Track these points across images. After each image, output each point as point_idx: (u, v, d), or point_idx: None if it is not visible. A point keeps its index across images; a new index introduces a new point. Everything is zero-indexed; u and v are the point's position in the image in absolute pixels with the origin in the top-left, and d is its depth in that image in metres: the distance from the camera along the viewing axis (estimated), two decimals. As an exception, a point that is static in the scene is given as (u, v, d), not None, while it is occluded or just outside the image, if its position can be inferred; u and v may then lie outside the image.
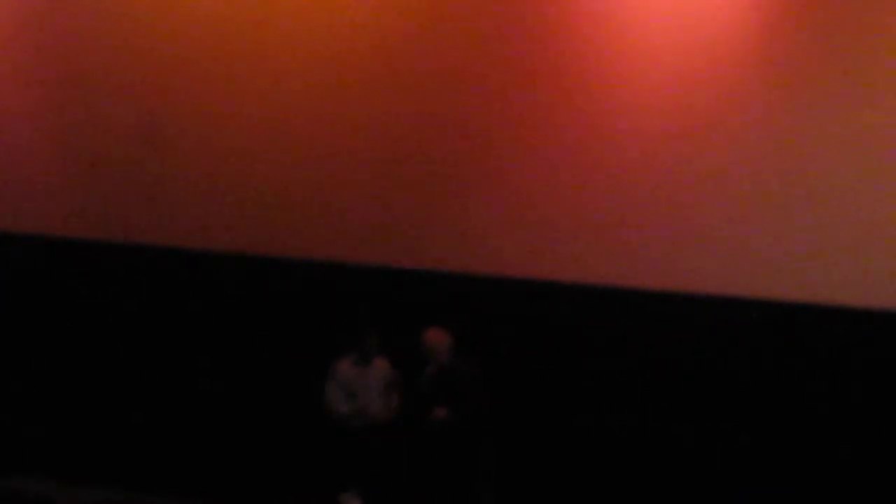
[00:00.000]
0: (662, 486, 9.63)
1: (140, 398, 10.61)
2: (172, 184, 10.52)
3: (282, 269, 10.32)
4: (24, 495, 10.03)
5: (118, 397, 10.67)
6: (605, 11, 9.61)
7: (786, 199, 9.33)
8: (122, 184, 10.62)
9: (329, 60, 10.14)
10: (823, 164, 9.26)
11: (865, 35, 9.13)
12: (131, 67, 10.55)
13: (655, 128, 9.55)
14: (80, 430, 10.72)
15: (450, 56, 9.91)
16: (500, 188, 9.89)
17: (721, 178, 9.46)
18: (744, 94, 9.38)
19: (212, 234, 10.44)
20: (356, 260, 10.14)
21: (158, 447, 10.50)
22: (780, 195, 9.34)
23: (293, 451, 10.11)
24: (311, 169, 10.24)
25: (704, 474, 9.54)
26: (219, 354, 10.46)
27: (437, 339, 9.16)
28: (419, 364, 9.37)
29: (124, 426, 10.59)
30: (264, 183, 10.33)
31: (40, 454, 10.68)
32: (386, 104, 10.05)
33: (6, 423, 10.74)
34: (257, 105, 10.32)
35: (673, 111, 9.50)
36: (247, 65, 10.33)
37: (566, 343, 9.77)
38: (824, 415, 9.35)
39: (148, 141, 10.40)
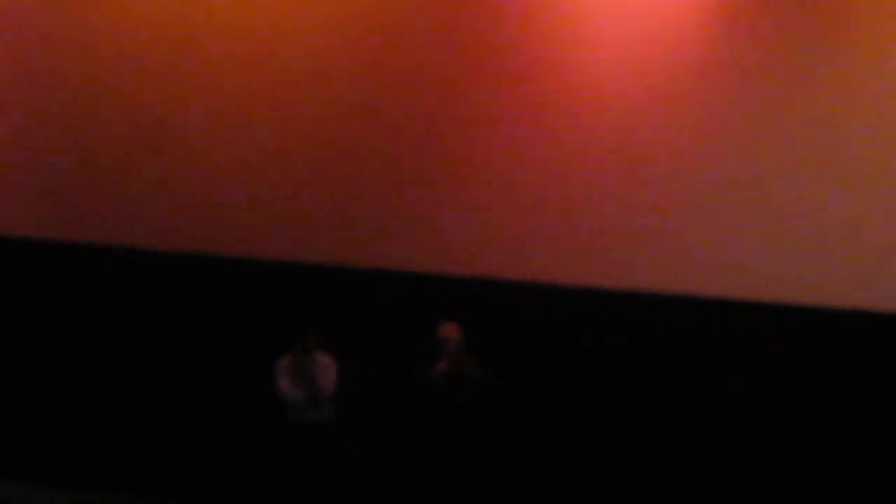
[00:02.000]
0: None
1: (88, 398, 10.49)
2: (122, 184, 10.54)
3: (227, 267, 10.40)
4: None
5: (66, 397, 10.53)
6: (567, 23, 9.92)
7: (735, 201, 9.73)
8: (65, 184, 10.62)
9: (292, 59, 10.27)
10: (772, 168, 9.65)
11: (818, 42, 9.50)
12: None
13: (611, 131, 9.88)
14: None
15: (414, 58, 10.12)
16: (457, 189, 10.15)
17: (672, 180, 9.80)
18: (697, 100, 9.73)
19: (163, 233, 10.49)
20: (305, 259, 10.33)
21: (104, 447, 10.34)
22: (730, 196, 9.73)
23: (241, 450, 10.12)
24: (266, 168, 10.37)
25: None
26: (165, 352, 10.48)
27: (450, 333, 9.35)
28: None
29: (73, 426, 10.44)
30: (219, 183, 10.42)
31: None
32: (349, 104, 10.23)
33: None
34: (214, 105, 10.40)
35: (628, 115, 9.83)
36: (208, 66, 10.42)
37: (515, 339, 10.05)
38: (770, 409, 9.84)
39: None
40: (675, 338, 9.85)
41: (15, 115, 10.69)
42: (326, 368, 9.61)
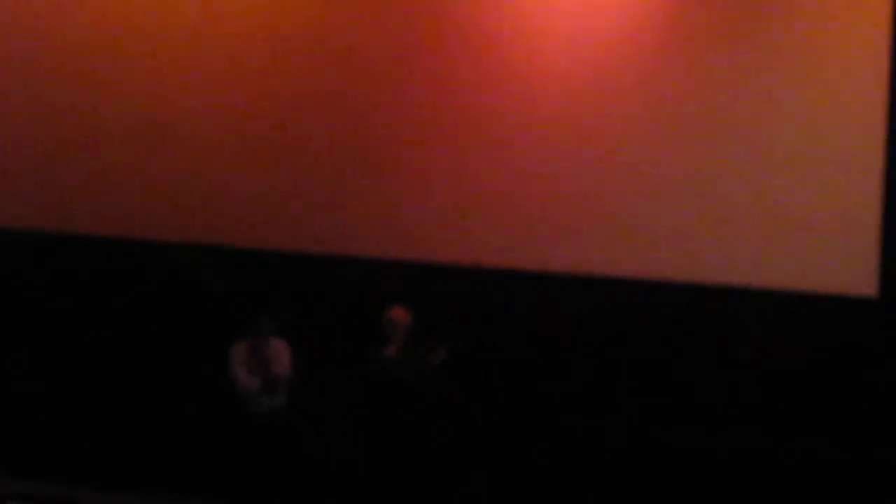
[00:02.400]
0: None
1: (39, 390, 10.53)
2: (63, 168, 10.55)
3: (176, 254, 10.38)
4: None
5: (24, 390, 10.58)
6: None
7: (671, 185, 9.62)
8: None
9: (221, 45, 10.25)
10: (719, 153, 9.55)
11: (753, 28, 9.46)
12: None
13: (547, 114, 9.76)
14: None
15: (352, 41, 10.05)
16: (397, 174, 10.04)
17: (622, 165, 9.70)
18: (633, 84, 9.63)
19: (107, 219, 10.47)
20: (251, 245, 10.27)
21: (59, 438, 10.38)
22: (666, 181, 9.62)
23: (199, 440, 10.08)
24: (206, 153, 10.32)
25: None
26: (114, 342, 10.45)
27: (399, 316, 9.28)
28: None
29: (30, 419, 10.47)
30: (160, 168, 10.39)
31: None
32: (288, 89, 10.18)
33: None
34: (152, 92, 10.38)
35: (564, 98, 9.73)
36: (134, 52, 10.42)
37: (453, 324, 9.79)
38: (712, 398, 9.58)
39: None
40: (654, 326, 9.72)
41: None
42: (280, 353, 9.58)
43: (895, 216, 9.20)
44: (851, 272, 9.25)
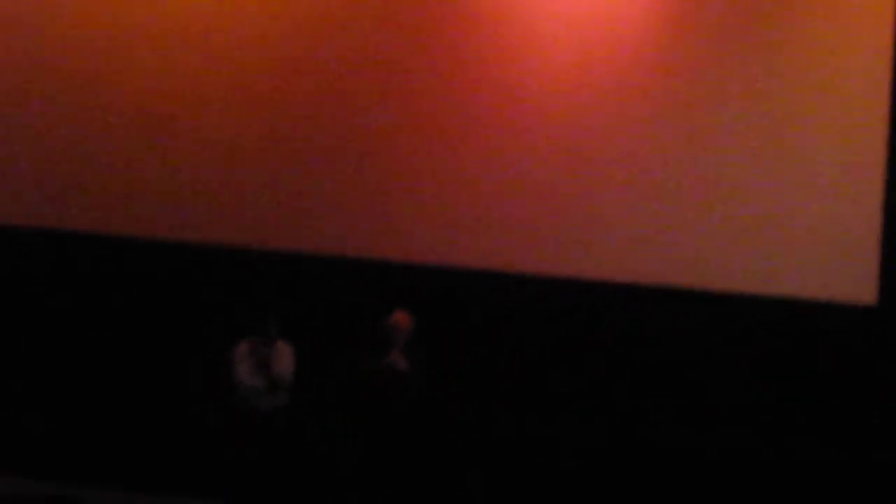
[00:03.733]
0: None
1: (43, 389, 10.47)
2: (68, 163, 10.47)
3: (181, 253, 10.34)
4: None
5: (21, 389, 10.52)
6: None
7: (671, 192, 9.65)
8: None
9: (217, 42, 10.22)
10: (719, 159, 9.60)
11: (756, 34, 9.53)
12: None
13: (560, 117, 9.77)
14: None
15: (356, 42, 10.03)
16: (404, 175, 10.02)
17: (623, 169, 9.71)
18: (647, 89, 9.66)
19: (108, 217, 10.42)
20: (255, 245, 10.24)
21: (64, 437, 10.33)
22: (680, 186, 9.65)
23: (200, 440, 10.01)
24: (206, 150, 10.28)
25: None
26: (119, 342, 10.40)
27: (402, 321, 9.24)
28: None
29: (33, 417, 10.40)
30: (162, 166, 10.33)
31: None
32: (291, 88, 10.14)
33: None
34: (152, 89, 10.31)
35: (578, 103, 9.74)
36: (135, 45, 10.34)
37: (458, 328, 9.90)
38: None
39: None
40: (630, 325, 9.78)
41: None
42: (284, 355, 9.57)
43: (895, 225, 9.31)
44: (851, 280, 9.36)
